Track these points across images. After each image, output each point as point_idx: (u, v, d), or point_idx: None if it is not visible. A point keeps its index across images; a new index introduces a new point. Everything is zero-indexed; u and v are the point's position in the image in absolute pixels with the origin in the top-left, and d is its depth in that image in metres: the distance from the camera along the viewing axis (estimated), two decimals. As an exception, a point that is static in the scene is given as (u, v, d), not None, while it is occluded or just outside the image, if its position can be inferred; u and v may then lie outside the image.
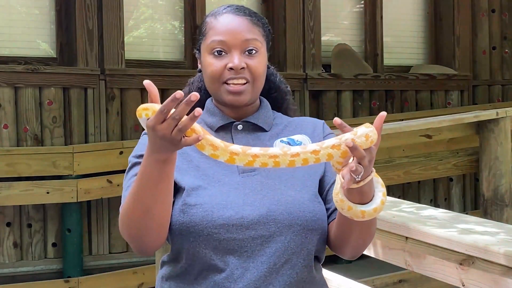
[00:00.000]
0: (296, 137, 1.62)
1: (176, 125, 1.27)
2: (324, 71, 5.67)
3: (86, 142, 4.73)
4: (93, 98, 4.77)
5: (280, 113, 1.71)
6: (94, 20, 4.78)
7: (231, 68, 1.55)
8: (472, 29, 6.34)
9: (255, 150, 1.32)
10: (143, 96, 4.97)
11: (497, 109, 4.59)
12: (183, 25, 5.33)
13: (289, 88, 1.77)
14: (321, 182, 1.59)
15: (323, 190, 1.59)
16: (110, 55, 4.84)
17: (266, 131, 1.63)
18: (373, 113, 5.80)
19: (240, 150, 1.31)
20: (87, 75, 4.75)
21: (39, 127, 4.61)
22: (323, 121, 1.70)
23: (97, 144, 4.69)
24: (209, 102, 1.67)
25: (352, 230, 1.50)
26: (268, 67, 1.72)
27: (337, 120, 1.30)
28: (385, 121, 1.42)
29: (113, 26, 4.86)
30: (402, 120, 5.28)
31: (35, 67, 4.59)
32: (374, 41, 6.03)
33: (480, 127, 4.51)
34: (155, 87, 1.31)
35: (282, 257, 1.50)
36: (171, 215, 1.51)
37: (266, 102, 1.67)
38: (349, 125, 1.33)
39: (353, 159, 1.32)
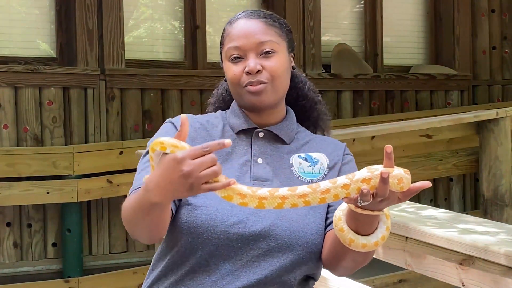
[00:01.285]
0: (314, 155, 1.61)
1: (207, 168, 1.21)
2: (324, 71, 5.67)
3: (86, 142, 4.73)
4: (93, 98, 4.76)
5: (304, 128, 1.69)
6: (94, 20, 4.78)
7: (248, 73, 1.55)
8: (472, 29, 6.34)
9: (283, 191, 1.27)
10: (143, 96, 4.97)
11: (497, 109, 4.59)
12: (183, 25, 5.33)
13: (320, 98, 1.76)
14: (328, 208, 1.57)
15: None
16: (110, 55, 4.84)
17: (286, 144, 1.61)
18: (373, 113, 5.80)
19: (268, 194, 1.27)
20: (87, 75, 4.75)
21: (39, 127, 4.61)
22: (345, 144, 1.68)
23: (97, 144, 4.69)
24: (234, 103, 1.65)
25: (347, 254, 1.49)
26: (298, 74, 1.71)
27: (389, 148, 1.27)
28: (385, 121, 1.43)
29: (113, 26, 4.86)
30: (402, 120, 5.27)
31: (35, 67, 4.59)
32: (374, 41, 6.03)
33: (480, 127, 4.51)
34: (187, 124, 1.28)
35: (275, 272, 1.48)
36: (176, 212, 1.50)
37: (292, 114, 1.66)
38: (349, 125, 1.34)
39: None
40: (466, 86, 6.27)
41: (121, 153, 4.56)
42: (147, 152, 1.55)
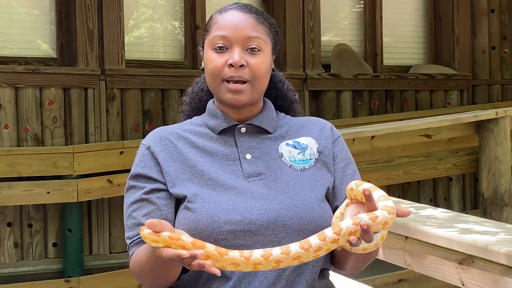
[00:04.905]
0: (302, 140, 1.60)
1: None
2: (324, 71, 5.67)
3: (87, 142, 4.73)
4: (93, 98, 4.77)
5: (283, 113, 1.68)
6: (94, 20, 4.78)
7: (231, 65, 1.52)
8: (472, 29, 6.34)
9: (277, 254, 1.29)
10: (143, 96, 4.98)
11: (497, 109, 4.60)
12: (183, 25, 5.34)
13: (296, 97, 1.74)
14: (332, 194, 1.58)
15: (331, 202, 1.58)
16: (110, 55, 4.85)
17: (270, 133, 1.60)
18: (372, 113, 5.80)
19: (262, 259, 1.29)
20: (87, 75, 4.75)
21: (40, 127, 4.62)
22: (331, 124, 1.67)
23: (97, 144, 4.69)
24: (211, 104, 1.63)
25: (349, 256, 1.51)
26: (276, 74, 1.70)
27: (366, 191, 1.30)
28: (385, 121, 1.44)
29: (113, 26, 4.87)
30: (402, 120, 5.28)
31: (36, 68, 4.59)
32: (374, 41, 6.04)
33: (480, 127, 4.52)
34: (159, 224, 1.29)
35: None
36: (176, 221, 1.50)
37: (269, 103, 1.64)
38: (349, 125, 1.34)
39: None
40: (466, 86, 6.27)
41: (121, 153, 4.57)
42: (128, 191, 1.56)
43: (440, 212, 2.47)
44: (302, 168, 1.56)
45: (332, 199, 1.58)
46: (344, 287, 2.65)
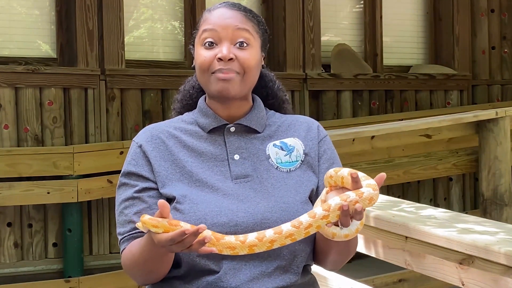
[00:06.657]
0: (289, 141, 1.62)
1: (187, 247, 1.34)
2: (324, 71, 5.68)
3: (87, 142, 4.73)
4: (93, 98, 4.77)
5: (272, 111, 1.70)
6: (94, 20, 4.79)
7: (220, 59, 1.54)
8: (472, 29, 6.35)
9: (270, 235, 1.37)
10: (143, 96, 4.98)
11: (497, 109, 4.61)
12: (183, 25, 5.34)
13: (287, 97, 1.76)
14: (315, 196, 1.61)
15: (314, 204, 1.60)
16: (110, 55, 4.85)
17: (259, 133, 1.62)
18: (372, 113, 5.80)
19: (257, 241, 1.37)
20: (87, 75, 4.75)
21: (40, 128, 4.62)
22: (318, 123, 1.69)
23: (97, 144, 4.69)
24: (201, 102, 1.65)
25: (330, 248, 1.54)
26: (268, 73, 1.72)
27: (354, 174, 1.35)
28: (385, 121, 1.46)
29: (113, 26, 4.87)
30: (402, 120, 5.28)
31: (36, 68, 4.59)
32: (374, 41, 6.04)
33: (480, 126, 4.52)
34: (168, 207, 1.35)
35: (274, 262, 1.51)
36: None
37: (259, 101, 1.66)
38: (349, 125, 1.36)
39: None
40: (466, 86, 6.28)
41: (121, 153, 4.57)
42: (119, 187, 1.61)
43: (440, 212, 2.47)
44: (288, 170, 1.59)
45: (315, 200, 1.59)
46: (344, 287, 2.65)
